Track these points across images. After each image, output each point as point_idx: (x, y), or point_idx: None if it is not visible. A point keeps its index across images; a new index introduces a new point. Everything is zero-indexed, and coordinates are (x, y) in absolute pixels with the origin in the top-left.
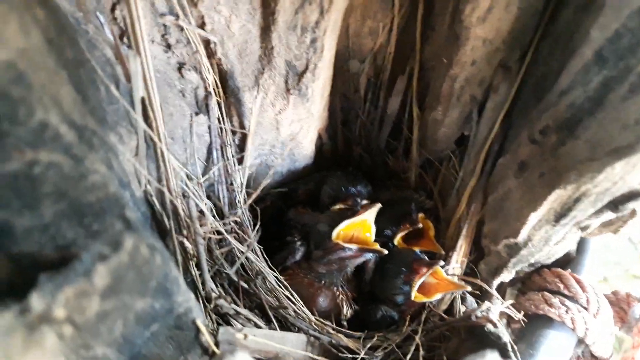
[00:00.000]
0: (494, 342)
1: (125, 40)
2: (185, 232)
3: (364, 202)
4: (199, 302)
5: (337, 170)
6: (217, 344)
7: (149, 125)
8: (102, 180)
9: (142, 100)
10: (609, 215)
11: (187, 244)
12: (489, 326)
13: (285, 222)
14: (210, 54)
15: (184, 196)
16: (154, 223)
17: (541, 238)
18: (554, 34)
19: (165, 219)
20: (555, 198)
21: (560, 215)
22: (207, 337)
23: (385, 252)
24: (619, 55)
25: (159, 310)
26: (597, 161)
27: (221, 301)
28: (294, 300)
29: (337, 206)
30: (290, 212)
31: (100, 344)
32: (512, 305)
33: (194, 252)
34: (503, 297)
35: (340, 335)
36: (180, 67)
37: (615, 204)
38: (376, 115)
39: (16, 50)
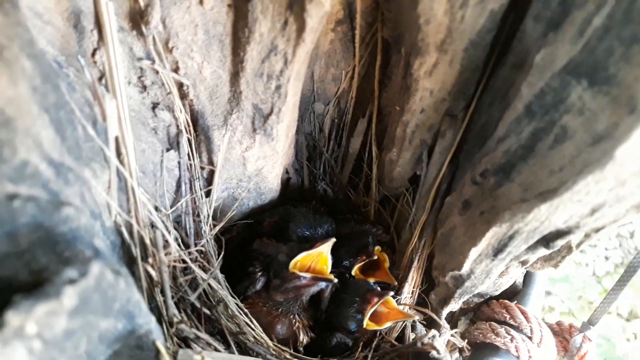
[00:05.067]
0: None
1: (103, 82)
2: (150, 260)
3: None
4: (162, 326)
5: (302, 205)
6: None
7: (121, 161)
8: (75, 212)
9: (116, 138)
10: (543, 251)
11: (151, 271)
12: (433, 353)
13: (249, 252)
14: (183, 95)
15: (152, 226)
16: (123, 251)
17: (482, 271)
18: (494, 87)
19: (133, 248)
20: (493, 235)
21: (497, 250)
22: (166, 358)
23: (336, 280)
24: (544, 110)
25: (121, 331)
26: (527, 202)
27: (182, 325)
28: (253, 326)
29: None
30: (255, 242)
31: (65, 358)
32: (462, 334)
33: (159, 279)
34: (455, 326)
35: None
36: (154, 106)
37: (546, 241)
38: (339, 153)
39: (5, 99)
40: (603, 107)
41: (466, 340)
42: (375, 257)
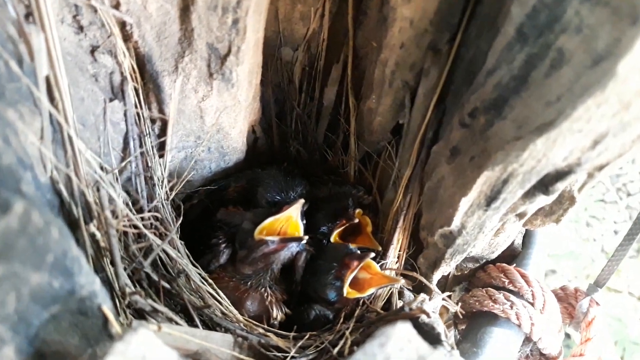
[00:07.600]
0: (427, 333)
1: (31, 19)
2: (95, 222)
3: None
4: (114, 300)
5: (272, 168)
6: None
7: (55, 106)
8: None
9: (47, 79)
10: (542, 199)
11: (98, 235)
12: (423, 317)
13: (212, 223)
14: (127, 37)
15: (97, 189)
16: (63, 213)
17: (474, 225)
18: (481, 14)
19: (74, 208)
20: (485, 180)
21: (490, 198)
22: (115, 326)
23: (307, 238)
24: (538, 32)
25: (58, 290)
26: (521, 140)
27: (136, 296)
28: (219, 299)
29: None
30: (219, 212)
31: None
32: (456, 303)
33: (106, 244)
34: (449, 297)
35: (270, 334)
36: (94, 50)
37: (544, 185)
38: (312, 107)
39: None
40: (603, 21)
41: (459, 304)
42: (356, 221)
